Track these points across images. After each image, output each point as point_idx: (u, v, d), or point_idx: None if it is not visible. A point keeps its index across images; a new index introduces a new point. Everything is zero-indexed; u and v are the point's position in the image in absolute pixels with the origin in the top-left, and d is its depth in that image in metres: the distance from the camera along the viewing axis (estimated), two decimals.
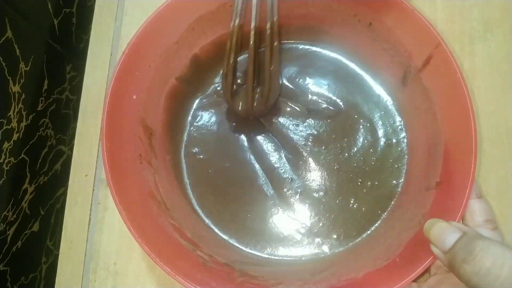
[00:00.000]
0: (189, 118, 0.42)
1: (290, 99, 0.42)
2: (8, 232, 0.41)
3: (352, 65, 0.43)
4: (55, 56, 0.47)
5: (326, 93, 0.42)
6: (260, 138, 0.41)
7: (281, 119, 0.41)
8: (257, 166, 0.40)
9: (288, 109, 0.42)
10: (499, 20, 0.43)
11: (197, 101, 0.43)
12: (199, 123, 0.42)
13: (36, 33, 0.43)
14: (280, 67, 0.41)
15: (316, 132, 0.41)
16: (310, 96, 0.42)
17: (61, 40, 0.47)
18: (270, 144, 0.41)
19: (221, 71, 0.40)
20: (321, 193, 0.40)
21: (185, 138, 0.42)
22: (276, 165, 0.40)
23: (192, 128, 0.42)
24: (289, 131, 0.41)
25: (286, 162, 0.40)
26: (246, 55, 0.40)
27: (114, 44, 0.45)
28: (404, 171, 0.40)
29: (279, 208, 0.39)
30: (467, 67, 0.43)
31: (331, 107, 0.42)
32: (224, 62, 0.39)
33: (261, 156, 0.41)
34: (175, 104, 0.41)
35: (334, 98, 0.42)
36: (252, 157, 0.41)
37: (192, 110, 0.42)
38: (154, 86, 0.38)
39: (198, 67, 0.41)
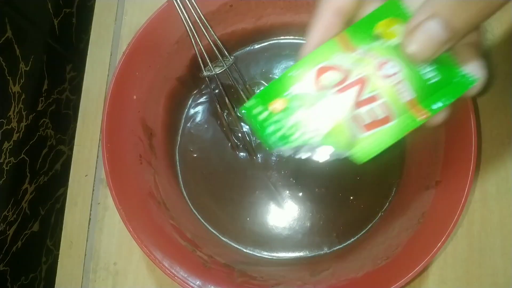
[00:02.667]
0: (188, 117, 0.42)
1: None
2: (8, 232, 0.41)
3: None
4: (55, 56, 0.47)
5: None
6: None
7: None
8: (256, 167, 0.40)
9: None
10: (499, 20, 0.43)
11: (196, 100, 0.43)
12: (197, 122, 0.42)
13: (36, 33, 0.43)
14: None
15: None
16: None
17: (61, 40, 0.47)
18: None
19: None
20: (323, 189, 0.40)
21: (182, 138, 0.42)
22: (278, 166, 0.40)
23: (189, 127, 0.42)
24: None
25: (288, 159, 0.40)
26: None
27: (114, 44, 0.45)
28: (401, 169, 0.40)
29: (279, 209, 0.39)
30: None
31: None
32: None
33: (259, 156, 0.41)
34: (175, 104, 0.41)
35: None
36: (249, 157, 0.41)
37: (191, 110, 0.42)
38: (154, 86, 0.38)
39: (198, 67, 0.41)
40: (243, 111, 0.24)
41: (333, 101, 0.23)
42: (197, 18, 0.36)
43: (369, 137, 0.23)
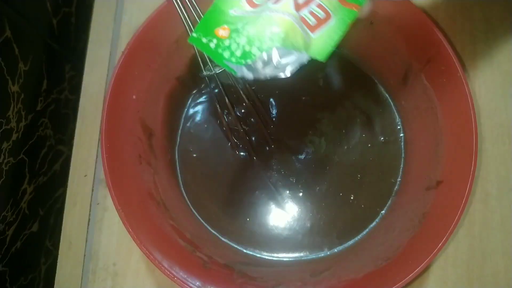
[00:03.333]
0: (188, 117, 0.42)
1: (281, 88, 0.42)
2: (7, 233, 0.41)
3: (351, 60, 0.42)
4: (54, 55, 0.47)
5: (321, 84, 0.42)
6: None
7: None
8: (256, 167, 0.40)
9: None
10: (500, 19, 0.43)
11: (195, 100, 0.42)
12: (196, 122, 0.42)
13: (35, 32, 0.43)
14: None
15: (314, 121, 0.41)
16: (302, 86, 0.42)
17: (60, 39, 0.47)
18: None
19: None
20: (323, 189, 0.39)
21: (181, 138, 0.41)
22: (278, 166, 0.40)
23: (189, 127, 0.42)
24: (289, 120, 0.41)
25: (288, 158, 0.40)
26: None
27: (113, 44, 0.45)
28: (401, 169, 0.40)
29: (279, 209, 0.39)
30: (468, 66, 0.42)
31: (325, 97, 0.41)
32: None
33: (259, 156, 0.41)
34: (174, 104, 0.41)
35: (328, 89, 0.42)
36: (249, 157, 0.40)
37: (191, 109, 0.42)
38: (153, 86, 0.38)
39: (198, 67, 0.41)
40: (191, 42, 0.24)
41: (275, 9, 0.24)
42: (196, 17, 0.36)
43: (320, 37, 0.25)
